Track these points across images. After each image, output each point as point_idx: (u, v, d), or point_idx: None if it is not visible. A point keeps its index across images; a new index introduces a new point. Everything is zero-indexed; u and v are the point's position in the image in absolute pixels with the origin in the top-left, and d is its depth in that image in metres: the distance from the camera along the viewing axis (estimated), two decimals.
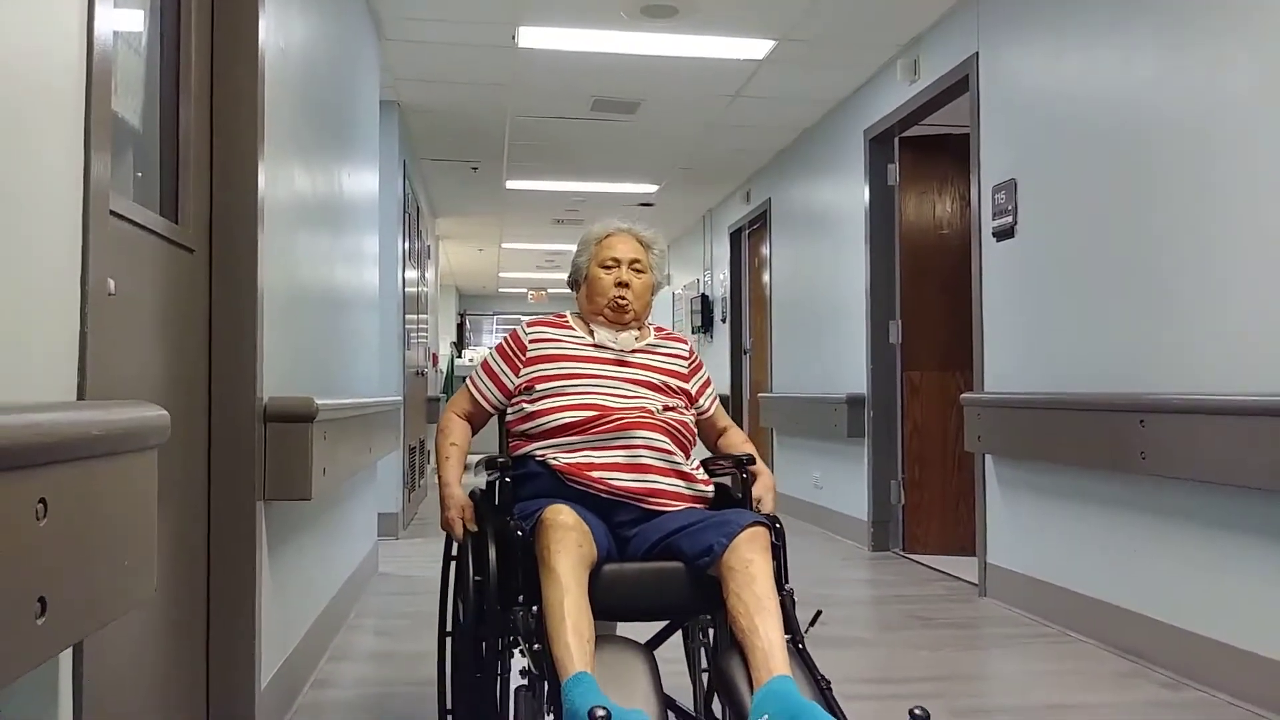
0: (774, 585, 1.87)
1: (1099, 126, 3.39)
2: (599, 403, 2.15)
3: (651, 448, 2.11)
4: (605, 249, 2.35)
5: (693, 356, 2.40)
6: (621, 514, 2.05)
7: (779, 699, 1.65)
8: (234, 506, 2.19)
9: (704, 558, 1.89)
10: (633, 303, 2.31)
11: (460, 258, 12.55)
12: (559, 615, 1.76)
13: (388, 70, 5.15)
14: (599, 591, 1.86)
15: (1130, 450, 3.04)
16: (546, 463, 2.09)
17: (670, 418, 2.19)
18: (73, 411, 1.03)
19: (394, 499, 5.69)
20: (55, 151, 1.23)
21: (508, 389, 2.26)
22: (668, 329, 2.50)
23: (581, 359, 2.24)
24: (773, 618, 1.80)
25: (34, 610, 0.92)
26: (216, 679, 2.18)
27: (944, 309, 5.09)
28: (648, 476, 2.09)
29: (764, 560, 1.87)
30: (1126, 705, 2.75)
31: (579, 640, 1.73)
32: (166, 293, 1.90)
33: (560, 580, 1.79)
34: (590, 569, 1.87)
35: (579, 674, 1.68)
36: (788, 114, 6.09)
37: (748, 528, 1.90)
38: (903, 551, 5.19)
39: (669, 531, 1.98)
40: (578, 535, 1.86)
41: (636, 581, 1.95)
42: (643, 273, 2.34)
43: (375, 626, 3.70)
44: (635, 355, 2.28)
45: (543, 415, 2.16)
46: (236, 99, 2.21)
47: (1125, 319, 3.24)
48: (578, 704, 1.62)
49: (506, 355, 2.30)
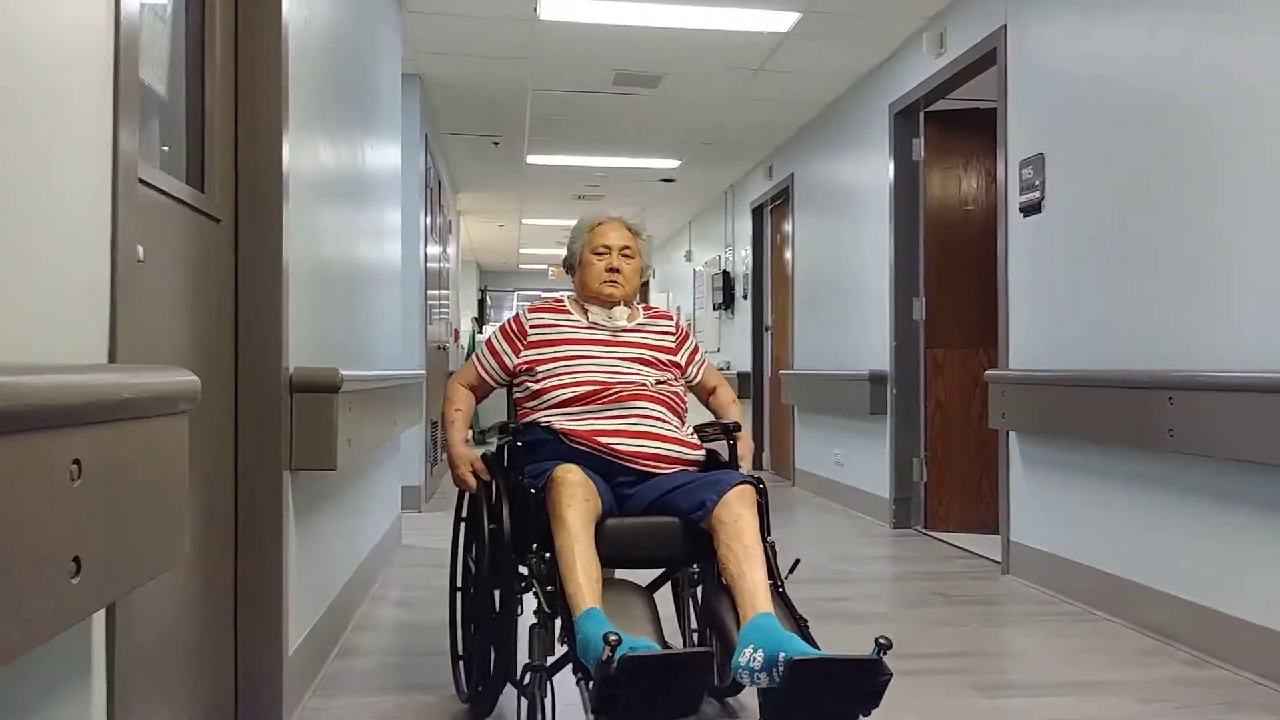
0: (759, 537, 2.10)
1: (1128, 100, 3.34)
2: (598, 378, 2.40)
3: (648, 416, 2.37)
4: (598, 236, 2.60)
5: (679, 331, 2.65)
6: (622, 475, 2.29)
7: (763, 631, 1.88)
8: (261, 476, 2.20)
9: (697, 512, 2.13)
10: (623, 285, 2.55)
11: (481, 233, 12.56)
12: (570, 559, 1.99)
13: (409, 43, 5.13)
14: (602, 543, 2.08)
15: (1158, 427, 3.01)
16: (553, 429, 2.32)
17: (663, 390, 2.45)
18: (105, 374, 1.03)
19: (416, 472, 5.72)
20: (85, 119, 1.23)
21: (508, 367, 2.52)
22: (655, 307, 2.73)
23: (579, 341, 2.48)
24: (758, 564, 2.03)
25: (69, 569, 0.93)
26: (245, 646, 2.21)
27: (968, 286, 5.05)
28: (646, 442, 2.32)
29: (750, 515, 2.11)
30: (1150, 683, 2.74)
31: (589, 581, 1.97)
32: (194, 261, 1.90)
33: (571, 530, 2.03)
34: (595, 521, 2.10)
35: (590, 609, 1.92)
36: (812, 88, 6.03)
37: (736, 486, 2.13)
38: (924, 529, 5.18)
39: (665, 490, 2.24)
40: (585, 491, 2.10)
41: (636, 533, 2.20)
42: (632, 258, 2.59)
43: (398, 598, 3.73)
44: (627, 334, 2.53)
45: (548, 391, 2.40)
46: (261, 69, 2.21)
47: (1154, 295, 3.21)
48: (590, 633, 1.84)
49: (509, 336, 2.55)
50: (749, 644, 1.86)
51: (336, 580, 3.04)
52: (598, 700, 1.72)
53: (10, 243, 1.04)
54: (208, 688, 2.03)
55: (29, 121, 1.08)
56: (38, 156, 1.10)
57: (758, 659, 1.83)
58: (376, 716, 2.44)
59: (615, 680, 1.69)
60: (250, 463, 2.19)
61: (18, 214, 1.06)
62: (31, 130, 1.09)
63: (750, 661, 1.84)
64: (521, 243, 13.44)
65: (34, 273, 1.09)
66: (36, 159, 1.09)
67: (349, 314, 3.22)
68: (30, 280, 1.08)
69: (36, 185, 1.10)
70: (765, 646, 1.84)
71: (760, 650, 1.84)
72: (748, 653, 1.85)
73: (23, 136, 1.07)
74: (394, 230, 4.58)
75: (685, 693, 1.78)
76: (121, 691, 1.33)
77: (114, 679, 1.31)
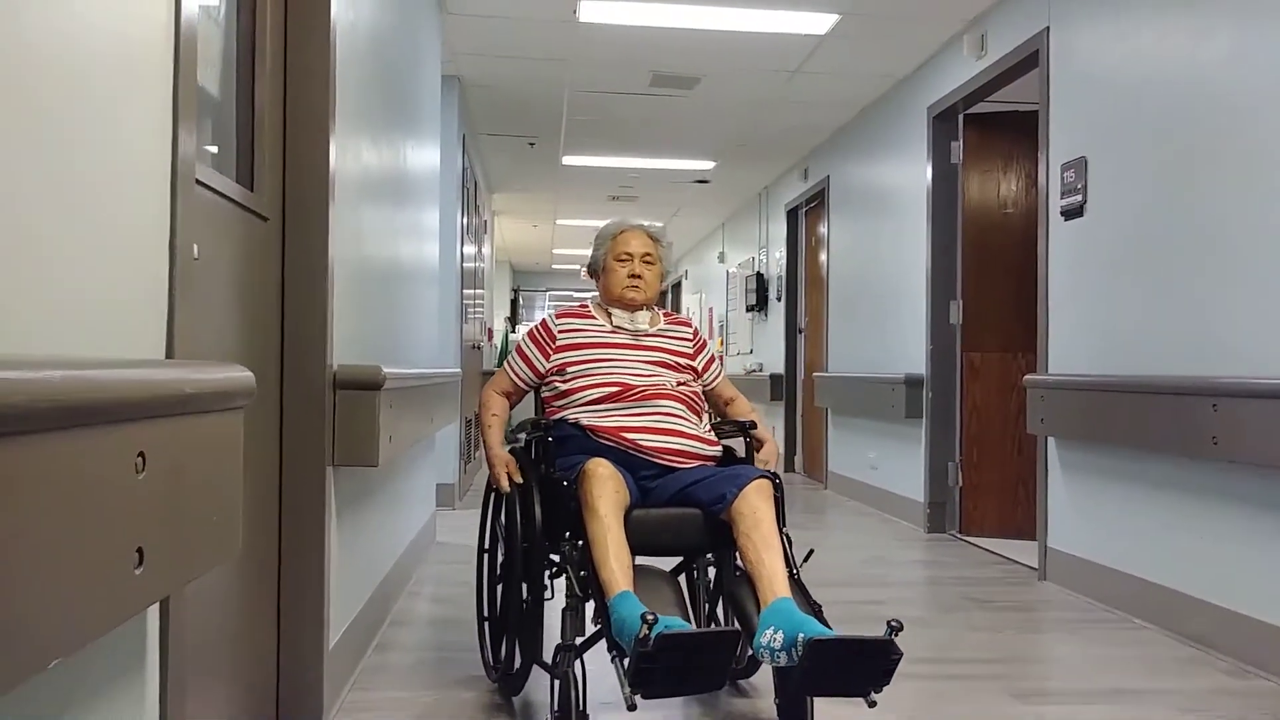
0: (776, 527, 2.22)
1: (1173, 102, 3.30)
2: (622, 380, 2.53)
3: (670, 414, 2.50)
4: (620, 244, 2.72)
5: (696, 337, 2.77)
6: (645, 469, 2.42)
7: (782, 614, 2.00)
8: (305, 472, 2.23)
9: (718, 504, 2.26)
10: (644, 290, 2.69)
11: (515, 234, 12.61)
12: (604, 546, 2.12)
13: (448, 45, 5.17)
14: (629, 532, 2.20)
15: (1201, 434, 2.97)
16: (581, 425, 2.46)
17: (683, 390, 2.59)
18: (168, 369, 1.05)
19: (451, 470, 5.76)
20: (146, 121, 1.26)
21: (539, 371, 2.65)
22: (674, 314, 2.85)
23: (605, 345, 2.62)
24: (775, 553, 2.16)
25: (133, 560, 0.95)
26: (287, 639, 2.23)
27: (1006, 290, 5.01)
28: (668, 438, 2.46)
29: (768, 507, 2.23)
30: (1190, 692, 2.71)
31: (621, 566, 2.10)
32: (243, 259, 1.93)
33: (603, 519, 2.16)
34: (624, 512, 2.22)
35: (624, 592, 2.05)
36: (849, 90, 6.01)
37: (754, 480, 2.26)
38: (959, 534, 5.14)
39: (687, 483, 2.37)
40: (615, 483, 2.23)
41: (660, 524, 2.32)
42: (652, 264, 2.72)
43: (434, 594, 3.76)
44: (648, 338, 2.67)
45: (576, 391, 2.54)
46: (309, 71, 2.24)
47: (1198, 300, 3.17)
48: (626, 614, 1.98)
49: (538, 341, 2.68)
50: (769, 626, 1.98)
51: (375, 576, 3.07)
52: (634, 674, 1.85)
53: (76, 241, 1.06)
54: (252, 680, 2.06)
55: (94, 122, 1.11)
56: (100, 158, 1.12)
57: (778, 639, 1.95)
58: (415, 711, 2.47)
59: (652, 656, 1.81)
60: (295, 458, 2.22)
61: (82, 213, 1.08)
62: (96, 131, 1.11)
63: (771, 642, 1.96)
64: (555, 243, 13.48)
65: (98, 270, 1.11)
66: (98, 160, 1.12)
67: (390, 313, 3.25)
68: (94, 277, 1.11)
69: (100, 185, 1.12)
70: (785, 628, 1.96)
71: (780, 631, 1.96)
72: (768, 634, 1.97)
73: (87, 137, 1.09)
74: (432, 230, 4.62)
75: (713, 668, 1.92)
76: (174, 683, 1.36)
77: (167, 670, 1.34)
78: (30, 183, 0.96)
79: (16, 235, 0.94)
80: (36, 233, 0.97)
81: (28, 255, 0.96)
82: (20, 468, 0.76)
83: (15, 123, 0.94)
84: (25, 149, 0.96)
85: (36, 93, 0.98)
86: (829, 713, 2.43)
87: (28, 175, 0.96)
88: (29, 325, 0.95)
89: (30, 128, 0.96)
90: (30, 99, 0.96)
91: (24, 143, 0.95)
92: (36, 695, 0.99)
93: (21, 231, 0.95)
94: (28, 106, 0.96)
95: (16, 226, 0.94)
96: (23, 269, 0.95)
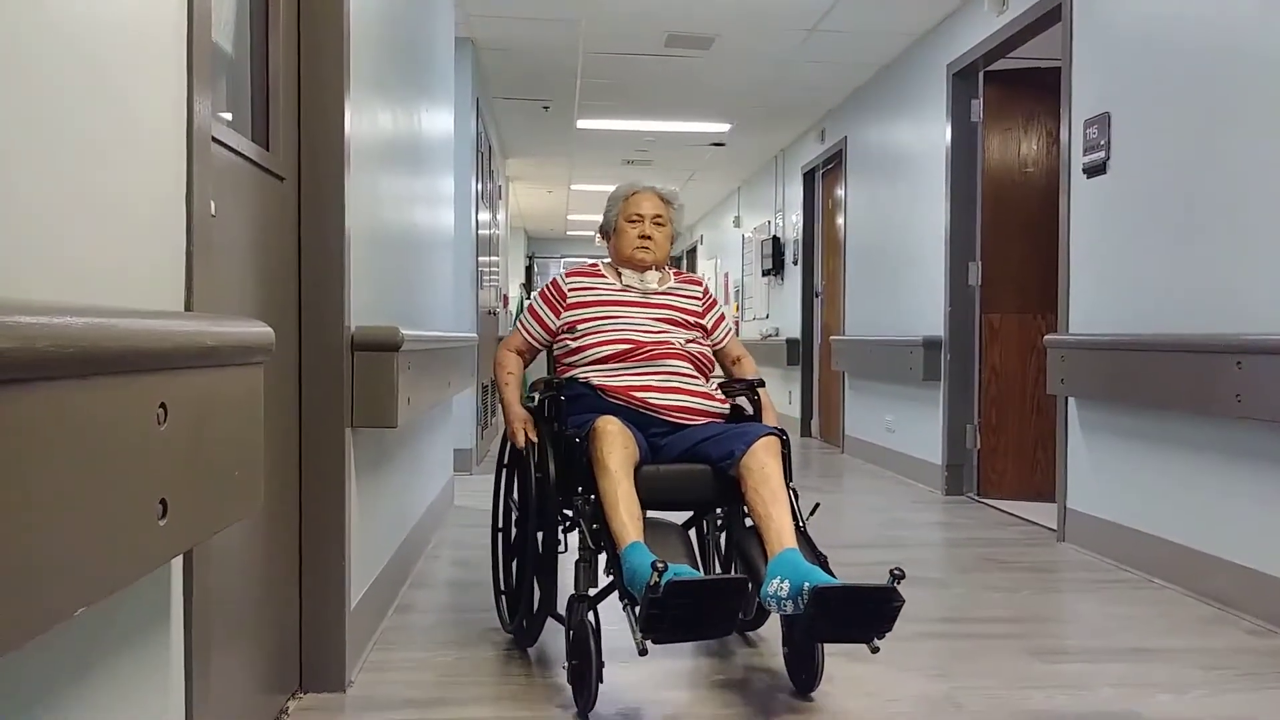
0: (784, 482, 2.29)
1: (1200, 57, 3.24)
2: (632, 337, 2.59)
3: (679, 373, 2.56)
4: (631, 205, 2.77)
5: (707, 296, 2.82)
6: (655, 426, 2.48)
7: (789, 564, 2.08)
8: (324, 433, 2.24)
9: (726, 460, 2.32)
10: (654, 251, 2.73)
11: (529, 199, 12.57)
12: (614, 500, 2.19)
13: (461, 6, 5.12)
14: (640, 487, 2.26)
15: (1225, 393, 2.94)
16: (592, 384, 2.51)
17: (692, 349, 2.63)
18: (189, 320, 1.05)
19: (468, 435, 5.78)
20: (163, 78, 1.25)
21: (551, 329, 2.72)
22: (685, 272, 2.90)
23: (614, 302, 2.67)
24: (783, 507, 2.23)
25: (157, 511, 0.95)
26: (309, 599, 2.25)
27: (1026, 250, 4.96)
28: (677, 396, 2.53)
29: (775, 463, 2.30)
30: (1212, 650, 2.70)
31: (632, 518, 2.18)
32: (259, 218, 1.93)
33: (614, 475, 2.22)
34: (634, 467, 2.29)
35: (635, 543, 2.12)
36: (866, 49, 5.93)
37: (762, 437, 2.33)
38: (977, 496, 5.13)
39: (696, 440, 2.44)
40: (624, 439, 2.30)
41: (671, 479, 2.39)
42: (663, 225, 2.76)
43: (452, 557, 3.78)
44: (658, 296, 2.71)
45: (586, 349, 2.60)
46: (324, 29, 2.22)
47: (1223, 257, 3.12)
48: (637, 563, 2.05)
49: (549, 300, 2.74)
50: (776, 575, 2.07)
51: (394, 538, 3.09)
52: (645, 620, 1.92)
53: (98, 196, 1.06)
54: (274, 639, 2.08)
55: (113, 81, 1.10)
56: (119, 115, 1.11)
57: (784, 588, 2.03)
58: (437, 669, 2.49)
59: (662, 602, 1.89)
60: (314, 419, 2.23)
61: (104, 169, 1.07)
62: (115, 89, 1.10)
63: (778, 591, 2.04)
64: (569, 209, 13.43)
65: (119, 225, 1.11)
66: (118, 117, 1.11)
67: (405, 277, 3.24)
68: (116, 232, 1.10)
69: (120, 142, 1.11)
70: (791, 577, 2.04)
71: (787, 581, 2.04)
72: (775, 583, 2.05)
73: (107, 96, 1.08)
74: (447, 196, 4.60)
75: (722, 615, 1.99)
76: (199, 637, 1.37)
77: (191, 624, 1.35)
78: (51, 139, 0.96)
79: (38, 192, 0.93)
80: (57, 189, 0.97)
81: (48, 212, 0.95)
82: (45, 414, 0.75)
83: (36, 81, 0.93)
84: (46, 105, 0.95)
85: (55, 50, 0.96)
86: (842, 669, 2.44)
87: (49, 132, 0.95)
88: (50, 281, 0.95)
89: (50, 85, 0.95)
90: (50, 57, 0.95)
91: (45, 99, 0.94)
92: (65, 644, 0.99)
93: (42, 188, 0.94)
94: (48, 64, 0.95)
95: (38, 183, 0.93)
96: (44, 225, 0.94)
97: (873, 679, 2.41)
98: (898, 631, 2.07)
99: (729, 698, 2.31)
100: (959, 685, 2.39)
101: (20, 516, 0.71)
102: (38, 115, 0.94)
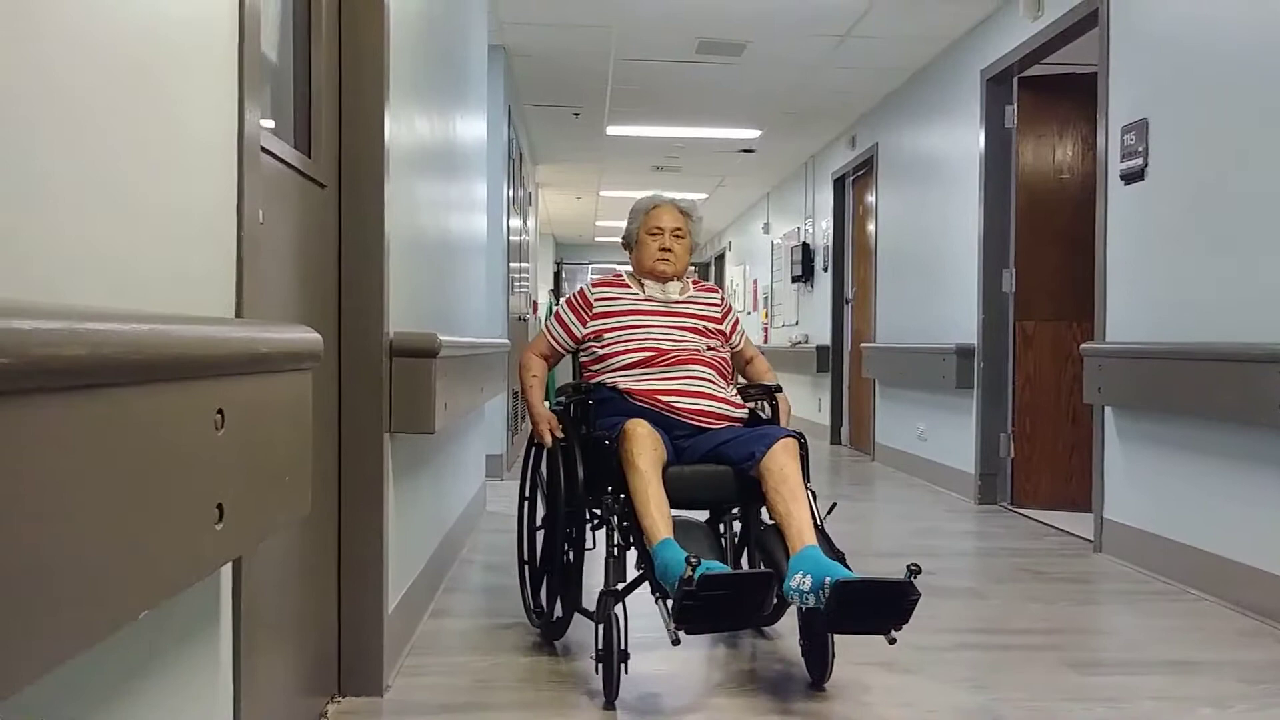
0: (802, 482, 2.38)
1: (1239, 62, 3.20)
2: (656, 345, 2.70)
3: (701, 379, 2.67)
4: (652, 218, 2.88)
5: (723, 304, 2.94)
6: (679, 429, 2.59)
7: (810, 560, 2.18)
8: (363, 438, 2.25)
9: (747, 461, 2.42)
10: (674, 262, 2.84)
11: (558, 206, 12.61)
12: (645, 498, 2.30)
13: (494, 14, 5.15)
14: (665, 487, 2.35)
15: (1267, 402, 2.90)
16: (619, 388, 2.62)
17: (712, 355, 2.75)
18: (243, 328, 1.07)
19: (500, 441, 5.80)
20: (215, 90, 1.27)
21: (576, 336, 2.82)
22: (703, 282, 3.03)
23: (639, 312, 2.79)
24: (803, 505, 2.32)
25: (214, 516, 0.96)
26: (348, 604, 2.27)
27: (1061, 257, 4.92)
28: (699, 400, 2.63)
29: (794, 464, 2.39)
30: (1251, 663, 2.66)
31: (662, 516, 2.28)
32: (303, 225, 1.95)
33: (644, 474, 2.33)
34: (661, 468, 2.38)
35: (666, 539, 2.23)
36: (899, 55, 5.91)
37: (781, 439, 2.43)
38: (1010, 505, 5.09)
39: (718, 443, 2.54)
40: (653, 441, 2.40)
41: (693, 479, 2.49)
42: (683, 238, 2.86)
43: (485, 562, 3.80)
44: (679, 305, 2.83)
45: (613, 356, 2.71)
46: (364, 39, 2.24)
47: (1264, 264, 3.08)
48: (669, 558, 2.15)
49: (575, 309, 2.85)
50: (798, 571, 2.16)
51: (429, 543, 3.10)
52: (679, 611, 2.03)
53: (153, 205, 1.07)
54: (314, 642, 2.10)
55: (167, 93, 1.11)
56: (174, 126, 1.13)
57: (806, 583, 2.12)
58: (472, 674, 2.50)
59: (695, 595, 1.99)
60: (353, 425, 2.24)
61: (159, 179, 1.09)
62: (169, 101, 1.12)
63: (800, 585, 2.13)
64: (598, 215, 13.46)
65: (174, 233, 1.13)
66: (173, 129, 1.13)
67: (440, 283, 3.26)
68: (170, 240, 1.12)
69: (175, 152, 1.13)
70: (813, 572, 2.13)
71: (808, 575, 2.13)
72: (797, 578, 2.14)
73: (162, 107, 1.10)
74: (480, 202, 4.62)
75: (749, 607, 2.12)
76: (246, 642, 1.38)
77: (239, 629, 1.36)
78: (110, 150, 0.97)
79: (96, 200, 0.95)
80: (114, 197, 0.98)
81: (105, 219, 0.97)
82: (110, 419, 0.77)
83: (94, 93, 0.94)
84: (104, 116, 0.97)
85: (113, 63, 0.98)
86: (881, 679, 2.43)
87: (109, 142, 0.97)
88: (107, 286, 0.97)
89: (107, 96, 0.97)
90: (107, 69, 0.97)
91: (103, 110, 0.96)
92: (125, 645, 1.01)
93: (101, 197, 0.96)
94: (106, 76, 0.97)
95: (97, 192, 0.95)
96: (102, 233, 0.96)
97: (911, 689, 2.40)
98: (935, 642, 2.07)
99: (750, 689, 2.41)
100: (996, 697, 2.37)
101: (91, 521, 0.73)
102: (97, 125, 0.95)
